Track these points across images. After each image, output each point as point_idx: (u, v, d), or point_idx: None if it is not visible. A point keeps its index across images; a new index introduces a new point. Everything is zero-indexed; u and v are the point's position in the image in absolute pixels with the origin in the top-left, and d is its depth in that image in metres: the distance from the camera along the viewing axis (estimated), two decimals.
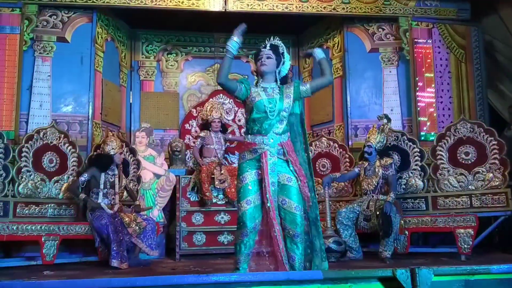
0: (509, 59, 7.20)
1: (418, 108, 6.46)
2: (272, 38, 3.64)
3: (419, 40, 6.58)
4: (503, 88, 7.49)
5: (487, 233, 5.23)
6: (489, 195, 5.26)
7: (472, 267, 2.48)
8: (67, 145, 5.60)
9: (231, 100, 7.41)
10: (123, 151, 5.48)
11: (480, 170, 5.38)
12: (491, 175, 5.32)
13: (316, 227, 3.54)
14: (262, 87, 3.56)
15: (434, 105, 6.53)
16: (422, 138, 6.27)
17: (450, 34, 6.66)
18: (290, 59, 3.81)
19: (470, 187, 5.38)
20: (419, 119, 6.44)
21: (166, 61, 7.51)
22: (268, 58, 3.54)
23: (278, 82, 3.59)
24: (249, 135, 3.52)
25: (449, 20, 6.73)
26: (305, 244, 3.43)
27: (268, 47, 3.57)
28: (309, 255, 3.51)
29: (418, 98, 6.47)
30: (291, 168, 3.46)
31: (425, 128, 6.47)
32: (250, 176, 3.44)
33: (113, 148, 5.31)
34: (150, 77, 7.41)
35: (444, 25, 6.67)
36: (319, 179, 5.84)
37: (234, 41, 3.43)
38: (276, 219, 3.34)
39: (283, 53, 3.60)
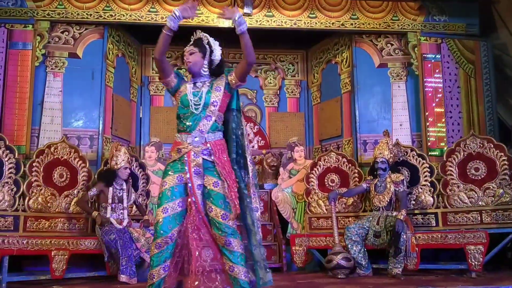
0: None
1: (428, 123, 6.43)
2: (194, 34, 3.34)
3: (428, 55, 6.57)
4: None
5: (498, 250, 5.15)
6: (500, 211, 5.20)
7: (478, 287, 2.45)
8: (77, 159, 5.64)
9: None
10: (130, 166, 5.47)
11: (490, 186, 5.34)
12: (501, 191, 5.26)
13: (254, 235, 3.10)
14: (192, 82, 3.28)
15: (443, 120, 6.49)
16: (431, 153, 6.21)
17: (459, 49, 6.64)
18: (219, 48, 3.37)
19: (480, 203, 5.33)
20: (428, 134, 6.40)
21: None
22: (190, 54, 3.26)
23: (207, 73, 3.29)
24: (176, 134, 3.25)
25: (458, 35, 6.72)
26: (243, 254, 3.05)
27: (190, 44, 3.29)
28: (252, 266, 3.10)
29: (427, 113, 6.43)
30: (219, 170, 3.09)
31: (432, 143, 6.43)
32: (171, 181, 3.12)
33: (118, 163, 5.30)
34: (160, 92, 7.47)
35: (453, 40, 6.66)
36: (326, 193, 5.83)
37: (173, 14, 3.05)
38: (202, 226, 3.05)
39: (208, 42, 3.29)
